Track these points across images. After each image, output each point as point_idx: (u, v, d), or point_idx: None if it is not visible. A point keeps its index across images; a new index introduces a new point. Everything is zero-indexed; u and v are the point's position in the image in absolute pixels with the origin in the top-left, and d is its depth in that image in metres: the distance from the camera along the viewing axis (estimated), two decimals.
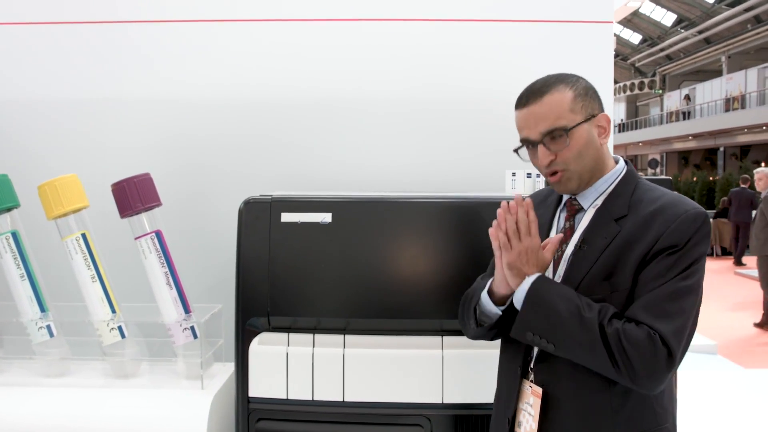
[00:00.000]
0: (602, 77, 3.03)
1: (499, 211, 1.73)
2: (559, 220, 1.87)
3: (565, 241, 1.80)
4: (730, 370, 6.20)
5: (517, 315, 1.72)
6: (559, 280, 1.76)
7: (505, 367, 1.92)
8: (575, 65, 2.96)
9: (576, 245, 1.77)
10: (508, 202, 1.74)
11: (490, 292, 1.83)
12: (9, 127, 3.00)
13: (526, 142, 1.78)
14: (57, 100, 3.00)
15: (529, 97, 1.76)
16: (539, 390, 1.76)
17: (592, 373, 1.67)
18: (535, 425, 1.75)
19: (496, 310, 1.81)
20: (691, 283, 1.64)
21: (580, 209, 1.82)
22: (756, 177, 9.10)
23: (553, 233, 1.85)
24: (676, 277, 1.63)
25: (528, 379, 1.81)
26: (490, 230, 1.76)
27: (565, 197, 1.87)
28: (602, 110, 1.79)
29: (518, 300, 1.72)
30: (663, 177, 3.20)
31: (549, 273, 1.79)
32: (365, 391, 2.30)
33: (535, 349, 1.80)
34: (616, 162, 1.83)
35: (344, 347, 2.31)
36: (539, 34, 2.99)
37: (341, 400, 2.30)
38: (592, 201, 1.80)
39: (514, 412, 1.83)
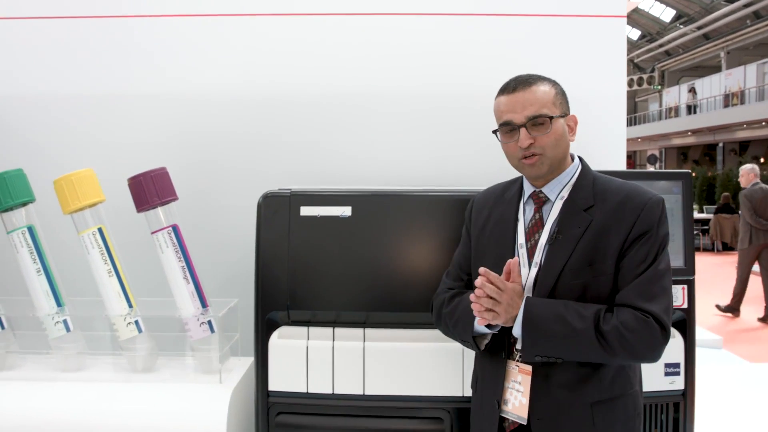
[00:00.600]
0: (615, 71, 3.03)
1: (477, 282, 1.86)
2: (525, 212, 2.01)
3: (537, 231, 1.96)
4: (736, 364, 6.20)
5: (521, 346, 1.88)
6: (536, 268, 1.93)
7: (486, 355, 2.03)
8: (587, 60, 2.99)
9: (551, 235, 1.93)
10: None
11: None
12: (22, 123, 2.99)
13: (507, 124, 1.94)
14: (69, 96, 2.99)
15: (517, 85, 1.94)
16: (528, 368, 1.91)
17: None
18: (525, 400, 1.90)
19: (490, 332, 1.97)
20: (665, 264, 1.89)
21: (547, 200, 1.98)
22: (740, 174, 9.34)
23: (520, 226, 1.99)
24: (654, 262, 1.85)
25: (513, 360, 1.95)
26: (474, 306, 1.88)
27: (528, 191, 2.01)
28: (570, 113, 2.00)
29: (517, 334, 1.88)
30: (683, 171, 3.23)
31: (525, 262, 1.95)
32: (385, 384, 2.31)
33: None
34: (572, 159, 2.02)
35: (364, 341, 2.31)
36: (550, 29, 2.99)
37: (361, 393, 2.31)
38: (557, 192, 1.97)
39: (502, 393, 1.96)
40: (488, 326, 1.93)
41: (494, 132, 2.00)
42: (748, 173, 9.20)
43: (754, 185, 9.00)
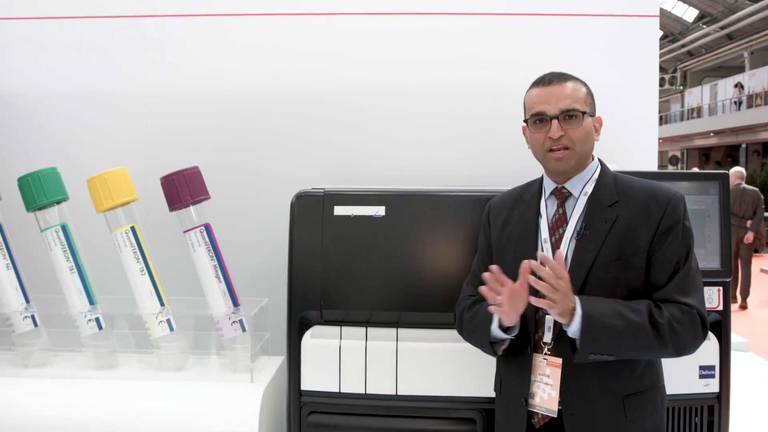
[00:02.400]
0: (647, 71, 3.01)
1: (530, 277, 1.84)
2: (548, 208, 2.04)
3: (560, 225, 2.00)
4: (763, 366, 6.13)
5: (579, 346, 1.85)
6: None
7: (510, 353, 2.02)
8: (619, 60, 2.96)
9: (579, 231, 1.96)
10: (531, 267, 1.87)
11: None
12: (56, 122, 3.02)
13: (539, 115, 1.98)
14: (103, 95, 3.01)
15: (552, 78, 2.00)
16: (558, 361, 1.93)
17: None
18: (555, 393, 1.93)
19: (507, 337, 1.97)
20: (695, 260, 1.95)
21: (570, 196, 2.02)
22: None
23: (543, 222, 2.03)
24: (687, 258, 1.91)
25: (541, 353, 1.97)
26: (531, 300, 1.86)
27: (550, 188, 2.05)
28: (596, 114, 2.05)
29: (574, 332, 1.85)
30: (720, 171, 3.24)
31: (550, 256, 1.92)
32: (418, 384, 2.31)
33: (548, 327, 1.96)
34: (592, 158, 2.06)
35: (397, 341, 2.31)
36: (582, 28, 2.98)
37: (394, 393, 2.31)
38: (580, 188, 2.01)
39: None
40: (505, 331, 1.95)
41: (525, 121, 2.04)
42: (732, 175, 9.85)
43: (736, 185, 9.82)
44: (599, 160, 2.07)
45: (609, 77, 2.91)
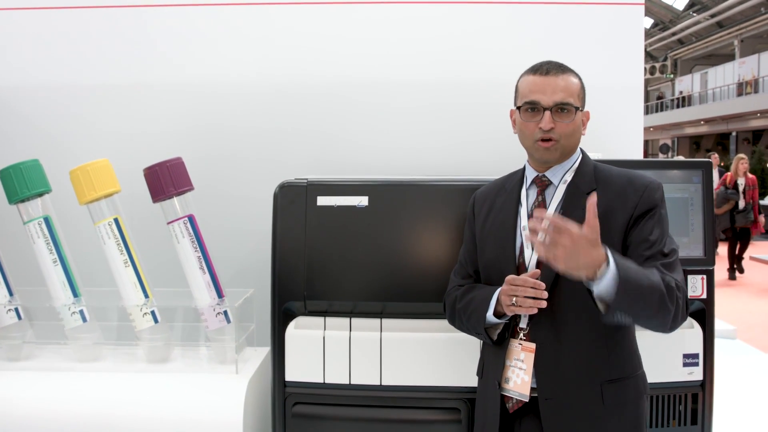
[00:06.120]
0: (632, 60, 3.01)
1: (531, 226, 1.77)
2: (528, 197, 2.05)
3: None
4: (751, 354, 6.15)
5: (612, 302, 1.74)
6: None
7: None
8: (605, 49, 2.96)
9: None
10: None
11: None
12: (38, 113, 3.00)
13: (532, 104, 1.96)
14: (85, 87, 2.99)
15: (550, 68, 1.98)
16: (532, 346, 1.93)
17: (590, 327, 1.90)
18: (528, 378, 1.93)
19: (501, 321, 1.98)
20: (675, 243, 1.95)
21: (550, 184, 2.03)
22: None
23: (523, 210, 2.04)
24: (666, 241, 1.91)
25: (516, 338, 1.97)
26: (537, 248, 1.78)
27: (531, 177, 2.05)
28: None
29: (606, 287, 1.73)
30: (703, 160, 3.26)
31: (528, 243, 1.97)
32: (402, 374, 2.31)
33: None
34: None
35: (381, 331, 2.31)
36: (568, 17, 2.97)
37: (378, 383, 2.31)
38: (560, 177, 2.02)
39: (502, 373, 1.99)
40: (498, 316, 1.95)
41: (517, 108, 2.02)
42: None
43: None
44: (581, 149, 2.08)
45: (594, 66, 2.89)
